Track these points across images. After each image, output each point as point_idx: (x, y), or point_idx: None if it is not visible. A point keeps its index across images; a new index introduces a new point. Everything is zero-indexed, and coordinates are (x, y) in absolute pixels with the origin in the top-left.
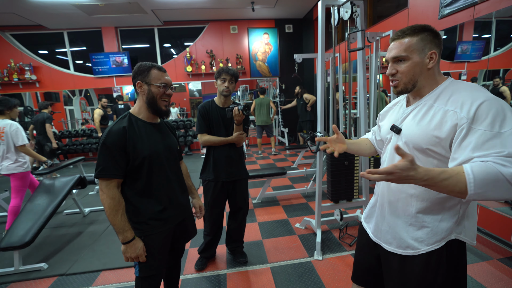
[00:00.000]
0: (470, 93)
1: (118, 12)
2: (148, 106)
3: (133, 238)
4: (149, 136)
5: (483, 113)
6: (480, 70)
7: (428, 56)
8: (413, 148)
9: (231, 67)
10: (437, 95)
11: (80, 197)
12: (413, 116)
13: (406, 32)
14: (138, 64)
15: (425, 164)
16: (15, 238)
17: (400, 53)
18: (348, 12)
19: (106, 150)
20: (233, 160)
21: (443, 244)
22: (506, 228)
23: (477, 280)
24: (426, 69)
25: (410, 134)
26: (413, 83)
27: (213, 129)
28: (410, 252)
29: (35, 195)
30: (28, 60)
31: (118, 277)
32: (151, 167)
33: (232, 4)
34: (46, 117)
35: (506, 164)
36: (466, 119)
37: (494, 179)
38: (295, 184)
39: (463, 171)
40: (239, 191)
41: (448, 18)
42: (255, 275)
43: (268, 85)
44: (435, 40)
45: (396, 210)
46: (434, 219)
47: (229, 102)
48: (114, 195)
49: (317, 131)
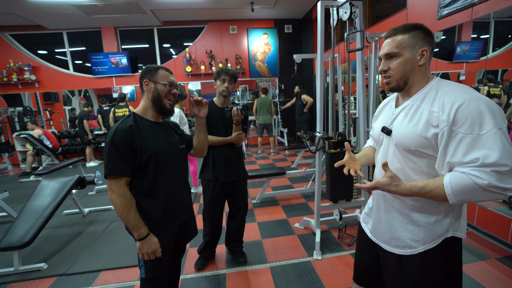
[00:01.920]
0: (452, 94)
1: (117, 12)
2: (153, 104)
3: (148, 234)
4: (155, 134)
5: (462, 115)
6: (478, 71)
7: (419, 53)
8: (403, 150)
9: (230, 68)
10: (424, 95)
11: (80, 197)
12: (403, 118)
13: (399, 30)
14: (147, 66)
15: (418, 162)
16: (14, 238)
17: (392, 49)
18: (347, 12)
19: (114, 148)
20: (232, 160)
21: (440, 242)
22: (504, 227)
23: (475, 280)
24: (417, 66)
25: (399, 136)
26: (405, 79)
27: (212, 129)
28: (408, 251)
29: (35, 196)
30: (27, 60)
31: (118, 277)
32: (157, 165)
33: (231, 4)
34: (84, 114)
35: (480, 176)
36: (446, 122)
37: (470, 190)
38: (294, 184)
39: (443, 184)
40: (238, 191)
41: (447, 19)
42: (255, 275)
43: (267, 85)
44: (427, 37)
45: (392, 210)
46: (430, 218)
47: (228, 102)
48: (125, 193)
49: (316, 131)
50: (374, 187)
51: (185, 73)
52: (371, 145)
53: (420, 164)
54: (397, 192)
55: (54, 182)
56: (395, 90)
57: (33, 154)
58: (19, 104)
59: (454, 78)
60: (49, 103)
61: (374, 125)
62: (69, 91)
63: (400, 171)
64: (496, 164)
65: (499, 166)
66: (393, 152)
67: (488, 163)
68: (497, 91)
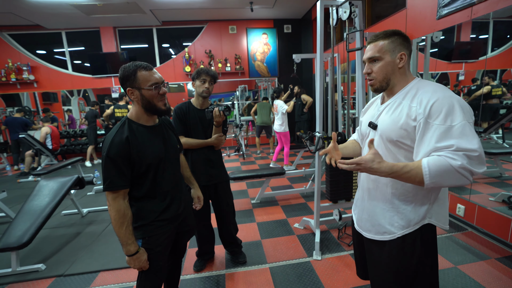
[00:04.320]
0: (430, 92)
1: (116, 12)
2: (147, 110)
3: (136, 251)
4: (152, 141)
5: (437, 110)
6: (477, 71)
7: (398, 56)
8: (386, 140)
9: (210, 68)
10: (406, 93)
11: (78, 198)
12: (386, 112)
13: (379, 36)
14: (122, 68)
15: (397, 154)
16: (12, 239)
17: (374, 54)
18: (346, 12)
19: (110, 162)
20: (213, 162)
21: (417, 228)
22: (504, 227)
23: (476, 280)
24: (397, 68)
25: (383, 128)
26: (387, 81)
27: (190, 131)
28: (387, 237)
29: (33, 196)
30: (26, 60)
31: (117, 277)
32: (156, 172)
33: (230, 4)
34: (96, 113)
35: (455, 158)
36: (422, 115)
37: (445, 170)
38: (294, 184)
39: (421, 165)
40: (222, 195)
41: (446, 19)
42: (254, 276)
43: (266, 85)
44: (405, 43)
45: (374, 198)
46: (408, 205)
47: (207, 103)
48: (119, 207)
49: (315, 131)
50: (358, 163)
51: (184, 73)
52: (355, 139)
53: (398, 156)
54: (378, 169)
55: (52, 182)
56: (379, 91)
57: (32, 155)
58: (17, 104)
59: (453, 78)
60: (48, 103)
61: (362, 120)
62: (68, 91)
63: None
64: (467, 149)
65: (470, 152)
66: (377, 145)
67: (461, 148)
68: (499, 92)
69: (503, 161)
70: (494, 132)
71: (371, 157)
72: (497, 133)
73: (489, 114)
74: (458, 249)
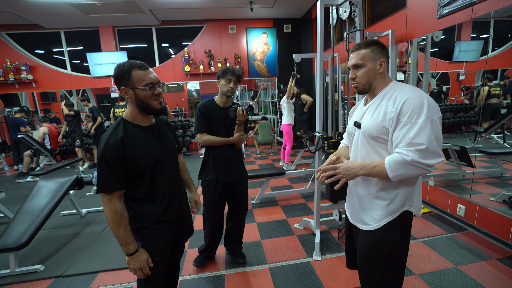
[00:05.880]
0: (403, 93)
1: (115, 11)
2: (141, 110)
3: (136, 250)
4: (148, 142)
5: (406, 108)
6: (478, 70)
7: (378, 63)
8: (368, 137)
9: (236, 68)
10: (384, 94)
11: (77, 198)
12: (368, 112)
13: (361, 45)
14: (117, 67)
15: (377, 147)
16: (11, 240)
17: (358, 61)
18: (346, 11)
19: (105, 164)
20: (233, 160)
21: (398, 215)
22: (505, 227)
23: (476, 280)
24: (378, 73)
25: (366, 126)
26: (369, 84)
27: (213, 129)
28: (375, 225)
29: (32, 196)
30: (24, 59)
31: (116, 278)
32: (153, 173)
33: (230, 3)
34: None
35: (407, 154)
36: (394, 113)
37: (401, 165)
38: (294, 184)
39: (384, 162)
40: (239, 191)
41: (447, 18)
42: (254, 276)
43: (266, 85)
44: (383, 51)
45: (362, 191)
46: (391, 195)
47: (230, 102)
48: (115, 208)
49: (315, 131)
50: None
51: (184, 72)
52: (345, 143)
53: (379, 150)
54: (352, 167)
55: (51, 182)
56: (362, 93)
57: (30, 155)
58: (16, 104)
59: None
60: (47, 103)
61: (349, 122)
62: (66, 91)
63: (366, 157)
64: (417, 143)
65: (419, 145)
66: (361, 141)
67: (413, 142)
68: (497, 91)
69: (503, 161)
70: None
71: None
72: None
73: (489, 114)
74: (459, 250)
